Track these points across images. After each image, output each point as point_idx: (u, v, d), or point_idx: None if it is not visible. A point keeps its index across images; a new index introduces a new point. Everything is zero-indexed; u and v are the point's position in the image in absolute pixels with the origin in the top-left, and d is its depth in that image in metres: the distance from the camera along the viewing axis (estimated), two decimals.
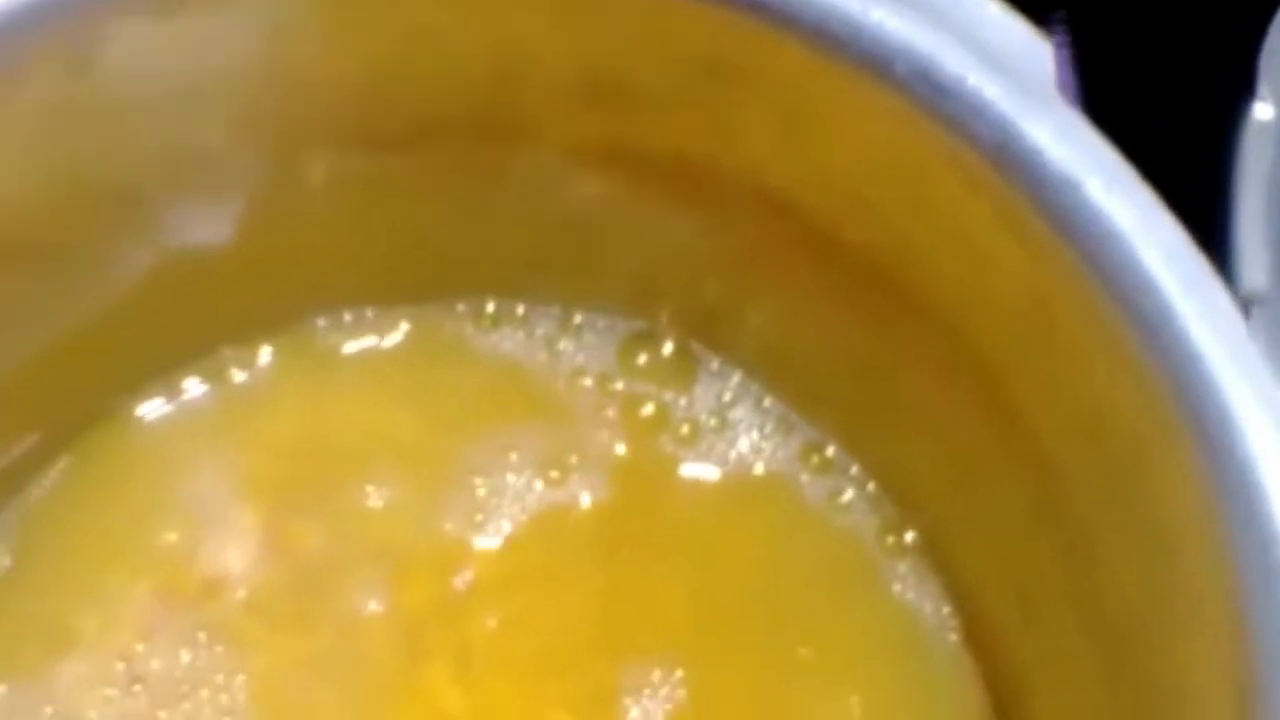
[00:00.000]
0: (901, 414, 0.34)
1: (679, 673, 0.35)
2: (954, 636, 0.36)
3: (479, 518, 0.36)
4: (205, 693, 0.34)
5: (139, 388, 0.35)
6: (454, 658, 0.35)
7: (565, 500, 0.36)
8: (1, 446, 0.34)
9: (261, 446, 0.36)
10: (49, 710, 0.34)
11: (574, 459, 0.37)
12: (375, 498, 0.36)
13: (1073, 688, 0.32)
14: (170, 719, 0.34)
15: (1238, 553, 0.24)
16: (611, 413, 0.37)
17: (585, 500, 0.36)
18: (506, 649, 0.35)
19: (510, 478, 0.36)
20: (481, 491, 0.36)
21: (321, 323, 0.37)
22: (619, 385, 0.37)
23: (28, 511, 0.35)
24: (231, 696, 0.34)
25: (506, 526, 0.36)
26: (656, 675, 0.35)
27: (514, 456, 0.37)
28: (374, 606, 0.35)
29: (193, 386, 0.36)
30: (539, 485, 0.36)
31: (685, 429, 0.37)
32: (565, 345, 0.37)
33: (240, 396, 0.36)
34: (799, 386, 0.36)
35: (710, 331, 0.36)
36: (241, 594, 0.35)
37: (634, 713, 0.35)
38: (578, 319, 0.37)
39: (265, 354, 0.37)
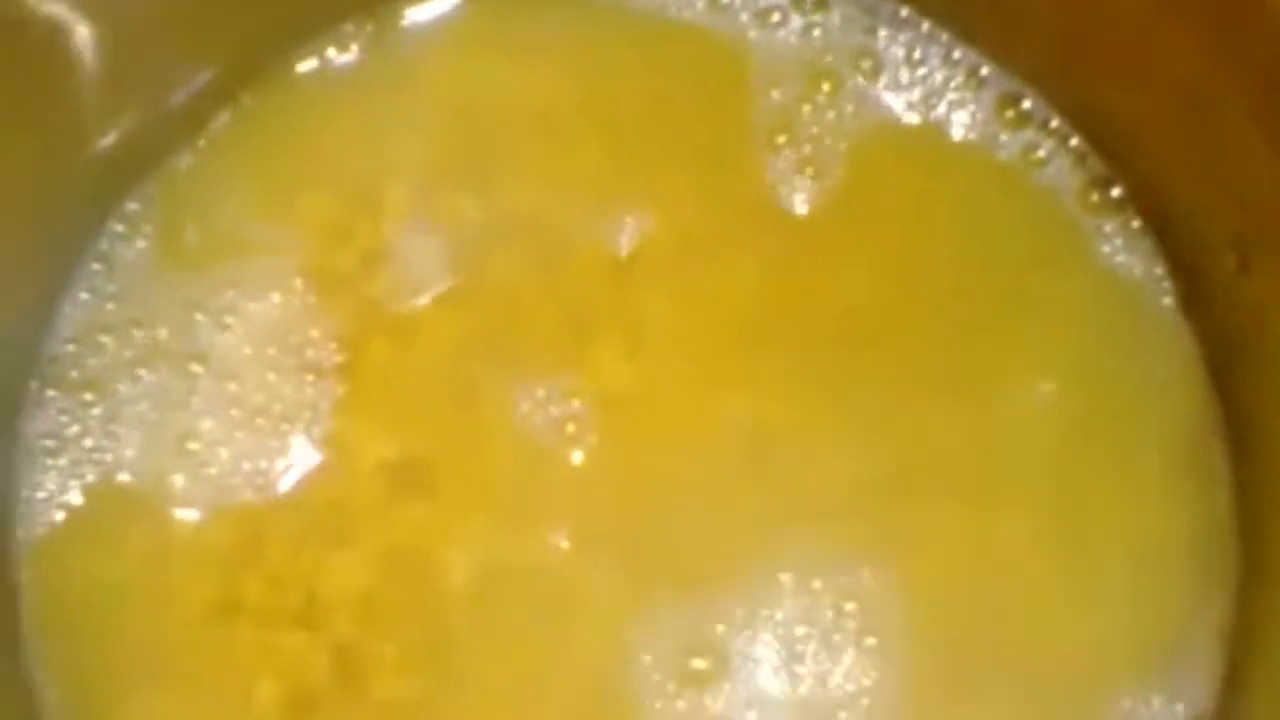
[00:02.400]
0: (1109, 42, 0.31)
1: (867, 352, 0.33)
2: (1168, 299, 0.33)
3: (644, 189, 0.34)
4: (364, 370, 0.33)
5: (294, 44, 0.34)
6: (623, 333, 0.33)
7: (733, 174, 0.34)
8: (166, 85, 0.32)
9: (412, 114, 0.34)
10: (199, 371, 0.33)
11: (745, 123, 0.34)
12: (532, 168, 0.34)
13: None
14: (325, 394, 0.33)
15: None
16: (783, 73, 0.34)
17: (762, 168, 0.34)
18: (678, 325, 0.33)
19: (677, 143, 0.34)
20: (644, 162, 0.34)
21: None
22: (792, 40, 0.34)
23: (172, 182, 0.34)
24: (397, 374, 0.33)
25: (676, 201, 0.34)
26: (846, 352, 0.33)
27: (680, 120, 0.34)
28: (535, 281, 0.33)
29: (343, 49, 0.34)
30: (707, 158, 0.34)
31: (869, 87, 0.34)
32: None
33: (390, 62, 0.34)
34: (993, 25, 0.33)
35: None
36: (398, 268, 0.33)
37: (821, 390, 0.33)
38: None
39: (411, 15, 0.35)
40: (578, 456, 0.32)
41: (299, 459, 0.32)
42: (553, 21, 0.35)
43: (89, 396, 0.33)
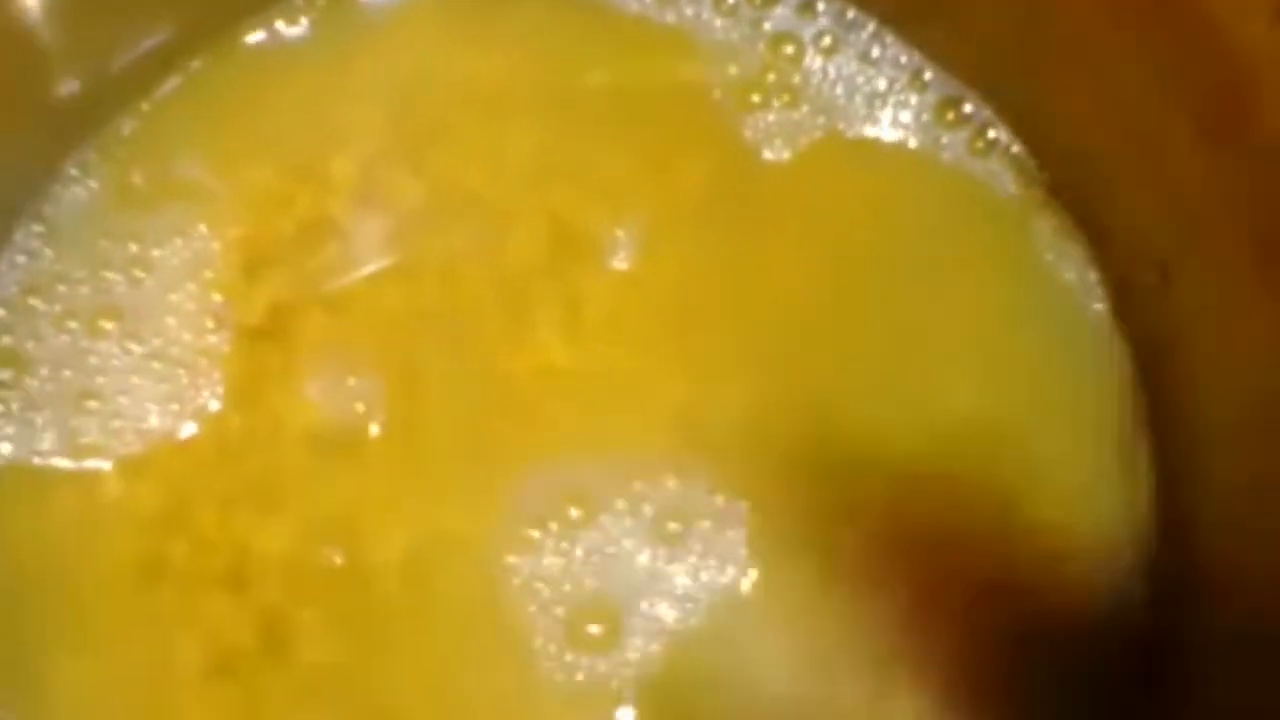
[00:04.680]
0: (1053, 45, 0.33)
1: (807, 340, 0.34)
2: (1099, 305, 0.35)
3: (587, 171, 0.35)
4: (296, 341, 0.34)
5: (244, 15, 0.35)
6: (562, 312, 0.34)
7: (677, 160, 0.35)
8: (115, 47, 0.33)
9: (358, 91, 0.35)
10: (120, 331, 0.33)
11: (687, 117, 0.35)
12: (475, 148, 0.35)
13: (1236, 338, 0.31)
14: (256, 365, 0.33)
15: None
16: (728, 68, 0.35)
17: (699, 161, 0.35)
18: (617, 307, 0.34)
19: (618, 132, 0.35)
20: (587, 145, 0.35)
21: None
22: (735, 34, 0.36)
23: (114, 146, 0.34)
24: (324, 347, 0.33)
25: (618, 183, 0.35)
26: (783, 342, 0.34)
27: (622, 110, 0.35)
28: (475, 259, 0.34)
29: (292, 22, 0.35)
30: (650, 142, 0.35)
31: (813, 85, 0.35)
32: None
33: (339, 39, 0.35)
34: (937, 29, 0.35)
35: None
36: (339, 243, 0.34)
37: (755, 377, 0.34)
38: None
39: None
40: (509, 430, 0.33)
41: (229, 424, 0.33)
42: (499, 8, 0.36)
43: (16, 360, 0.33)
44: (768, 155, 0.35)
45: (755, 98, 0.35)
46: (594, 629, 0.32)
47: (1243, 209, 0.30)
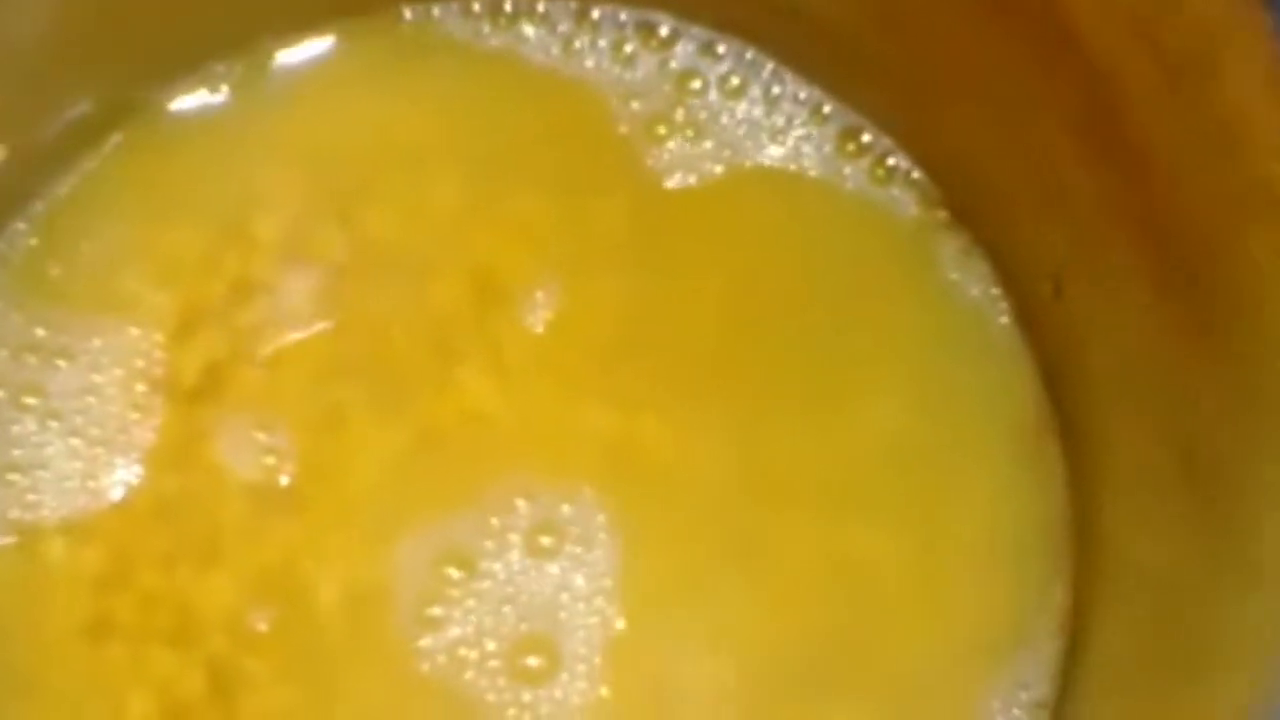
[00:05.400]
0: (940, 71, 0.34)
1: (724, 371, 0.35)
2: (1004, 318, 0.36)
3: (505, 218, 0.36)
4: (230, 398, 0.34)
5: (164, 83, 0.36)
6: (487, 358, 0.35)
7: (592, 200, 0.36)
8: (39, 119, 0.34)
9: (280, 152, 0.36)
10: (43, 404, 0.34)
11: (598, 159, 0.37)
12: (397, 203, 0.36)
13: (1128, 338, 0.32)
14: (192, 424, 0.34)
15: None
16: (635, 108, 0.37)
17: (614, 200, 0.36)
18: (541, 349, 0.35)
19: (534, 177, 0.36)
20: (505, 192, 0.36)
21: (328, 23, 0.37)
22: (640, 79, 0.37)
23: (40, 218, 0.35)
24: (258, 402, 0.34)
25: (535, 227, 0.36)
26: (701, 374, 0.35)
27: (537, 157, 0.37)
28: (401, 310, 0.35)
29: (213, 89, 0.36)
30: (565, 185, 0.36)
31: (717, 122, 0.37)
32: (582, 42, 0.37)
33: (260, 102, 0.36)
34: (833, 63, 0.36)
35: (738, 13, 0.36)
36: (265, 300, 0.35)
37: (679, 406, 0.35)
38: (595, 14, 0.37)
39: (279, 57, 0.37)
40: (441, 473, 0.34)
41: (166, 483, 0.34)
42: (413, 65, 0.37)
43: None
44: (670, 184, 0.36)
45: (661, 130, 0.37)
46: (533, 661, 0.33)
47: (1128, 217, 0.31)
